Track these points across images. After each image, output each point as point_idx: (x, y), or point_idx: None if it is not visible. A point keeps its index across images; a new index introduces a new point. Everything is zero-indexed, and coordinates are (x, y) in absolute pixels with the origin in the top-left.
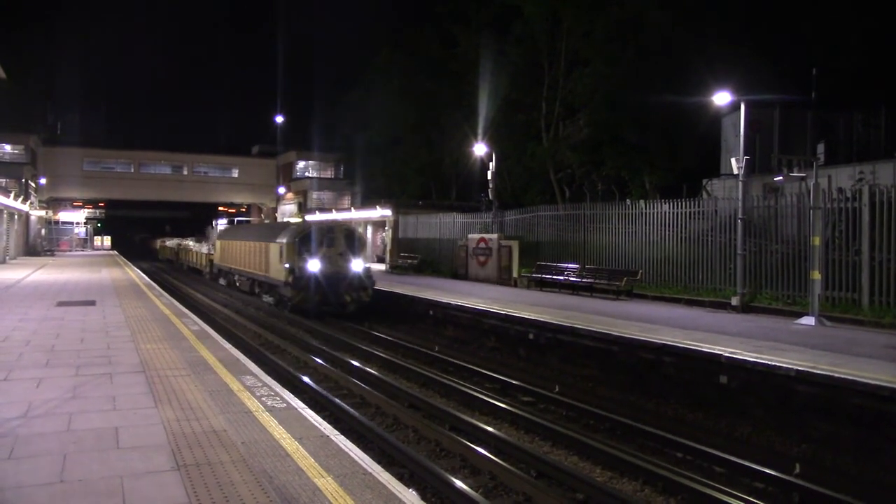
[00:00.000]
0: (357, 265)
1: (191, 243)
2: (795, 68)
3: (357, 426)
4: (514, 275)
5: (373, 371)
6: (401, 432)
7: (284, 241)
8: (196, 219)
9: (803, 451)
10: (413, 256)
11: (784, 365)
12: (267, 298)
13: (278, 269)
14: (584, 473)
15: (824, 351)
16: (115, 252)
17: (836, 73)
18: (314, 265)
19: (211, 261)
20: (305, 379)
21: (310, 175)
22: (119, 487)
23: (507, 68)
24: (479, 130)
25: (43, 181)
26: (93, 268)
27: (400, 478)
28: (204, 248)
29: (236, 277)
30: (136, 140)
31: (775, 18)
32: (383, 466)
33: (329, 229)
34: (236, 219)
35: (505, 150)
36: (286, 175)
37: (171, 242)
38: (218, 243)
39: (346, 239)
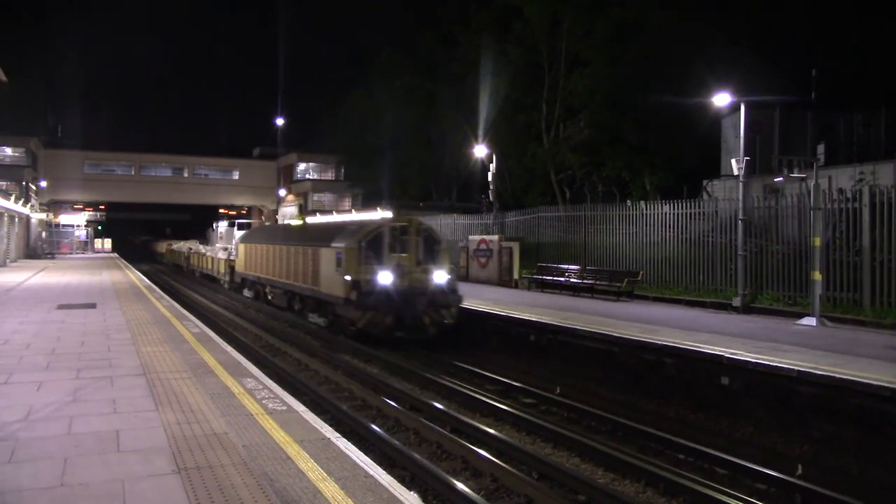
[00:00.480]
0: (439, 276)
1: (203, 247)
2: (795, 69)
3: (358, 429)
4: (515, 276)
5: (373, 373)
6: (402, 434)
7: (343, 245)
8: (197, 221)
9: (805, 452)
10: None
11: (785, 366)
12: (316, 319)
13: (335, 281)
14: (585, 475)
15: (825, 351)
16: (116, 255)
17: (836, 74)
18: (386, 277)
19: (231, 268)
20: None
21: (310, 177)
22: (120, 491)
23: (508, 69)
24: (480, 131)
25: (44, 184)
26: (93, 270)
27: (401, 480)
28: (221, 253)
29: (268, 289)
30: (136, 142)
31: (775, 19)
32: (385, 469)
33: (402, 230)
34: (237, 221)
35: (505, 151)
36: (287, 177)
37: (180, 245)
38: (241, 247)
39: (424, 243)
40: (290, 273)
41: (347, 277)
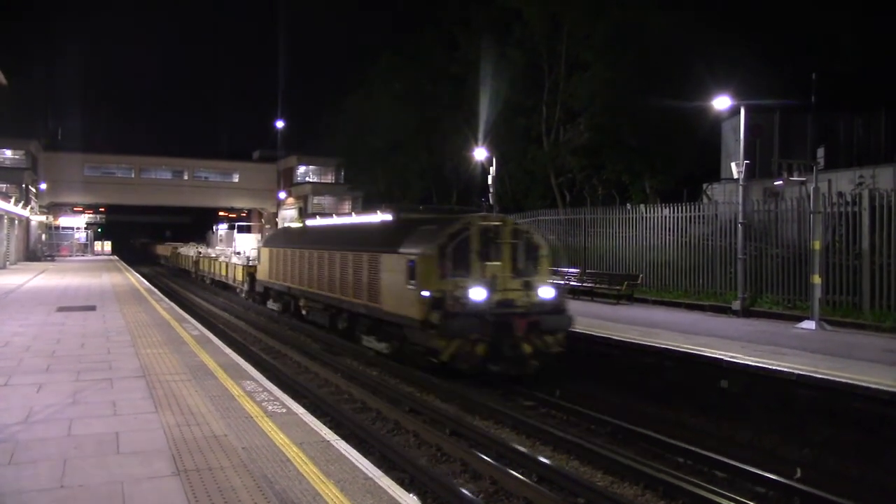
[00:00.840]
0: (545, 291)
1: (213, 250)
2: (795, 72)
3: (358, 431)
4: None
5: (372, 375)
6: (402, 437)
7: (418, 250)
8: (197, 224)
9: (804, 455)
10: None
11: (784, 369)
12: (373, 344)
13: (404, 297)
14: (585, 478)
15: (824, 355)
16: (116, 257)
17: (836, 77)
18: (479, 294)
19: (251, 275)
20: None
21: (310, 180)
22: (119, 493)
23: (508, 71)
24: (480, 134)
25: (43, 186)
26: (93, 273)
27: (400, 483)
28: (237, 258)
29: (302, 303)
30: (136, 145)
31: (775, 22)
32: (384, 471)
33: (494, 232)
34: (237, 223)
35: (505, 154)
36: (287, 180)
37: (187, 249)
38: (265, 252)
39: (525, 247)
40: (334, 284)
41: (425, 293)
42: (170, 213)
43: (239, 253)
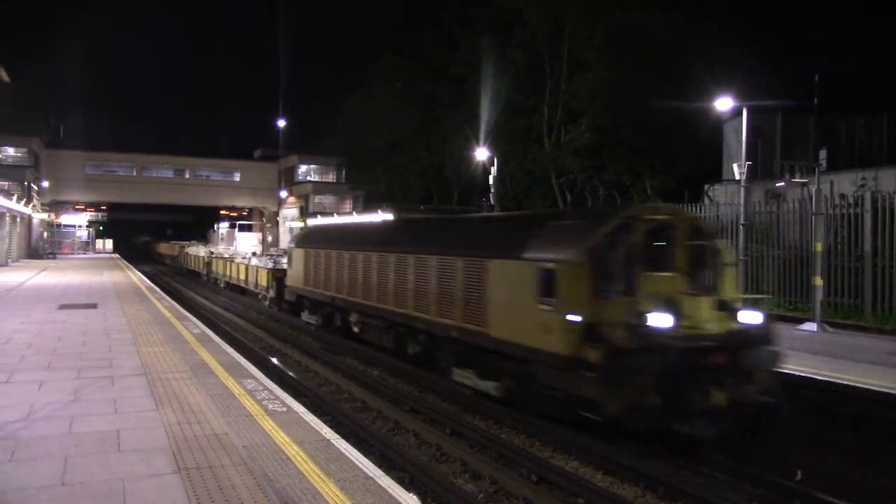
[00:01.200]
0: (746, 316)
1: (224, 250)
2: (796, 73)
3: (358, 430)
4: None
5: (373, 374)
6: (402, 436)
7: (558, 256)
8: (198, 222)
9: (804, 458)
10: None
11: (785, 371)
12: (472, 380)
13: (534, 321)
14: (584, 478)
15: (826, 357)
16: (117, 255)
17: (839, 79)
18: (663, 320)
19: (279, 280)
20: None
21: (311, 179)
22: (120, 490)
23: (509, 72)
24: (481, 134)
25: (45, 184)
26: (95, 271)
27: (401, 482)
28: (258, 260)
29: (353, 318)
30: (138, 143)
31: (778, 24)
32: (384, 471)
33: (666, 230)
34: (238, 222)
35: (506, 154)
36: (288, 179)
37: (196, 249)
38: (297, 253)
39: (708, 252)
40: (404, 296)
41: (574, 318)
42: (171, 211)
43: (256, 253)
